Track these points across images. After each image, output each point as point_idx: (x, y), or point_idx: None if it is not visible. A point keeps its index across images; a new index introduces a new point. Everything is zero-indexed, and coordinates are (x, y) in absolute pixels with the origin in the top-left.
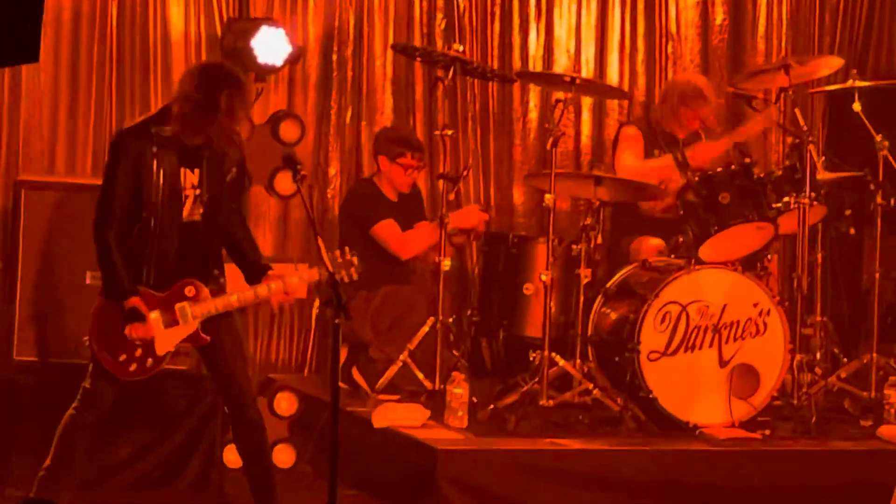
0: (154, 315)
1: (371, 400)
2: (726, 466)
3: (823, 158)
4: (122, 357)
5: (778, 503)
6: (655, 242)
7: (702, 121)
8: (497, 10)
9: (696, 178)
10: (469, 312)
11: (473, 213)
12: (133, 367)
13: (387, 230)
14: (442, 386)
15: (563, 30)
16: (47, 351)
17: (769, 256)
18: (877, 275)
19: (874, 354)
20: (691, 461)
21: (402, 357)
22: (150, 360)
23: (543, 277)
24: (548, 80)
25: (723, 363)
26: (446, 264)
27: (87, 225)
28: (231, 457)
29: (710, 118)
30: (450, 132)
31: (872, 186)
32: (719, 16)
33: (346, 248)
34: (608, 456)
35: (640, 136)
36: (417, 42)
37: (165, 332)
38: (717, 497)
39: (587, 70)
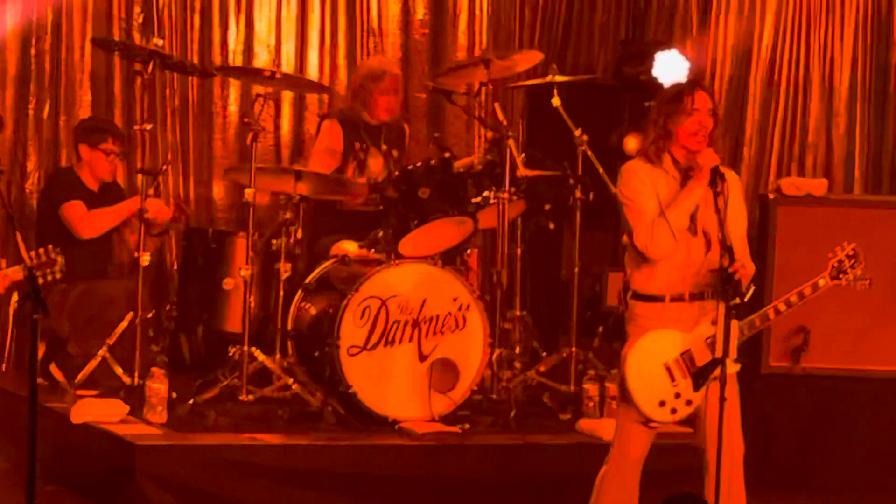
0: None
1: (69, 395)
2: (426, 461)
3: (523, 153)
4: None
5: (478, 497)
6: (352, 247)
7: (395, 97)
8: (197, 5)
9: (396, 173)
10: (168, 307)
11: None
12: None
13: (73, 210)
14: (141, 381)
15: (263, 24)
16: None
17: (469, 251)
18: (576, 269)
19: (573, 348)
20: (391, 456)
21: (100, 352)
22: None
23: (243, 272)
24: (248, 74)
25: (422, 358)
26: (145, 259)
27: None
28: None
29: (399, 94)
30: (149, 126)
31: (572, 181)
32: (420, 11)
33: (50, 247)
34: (308, 451)
35: (339, 129)
36: (116, 36)
37: None
38: (417, 491)
39: (287, 65)
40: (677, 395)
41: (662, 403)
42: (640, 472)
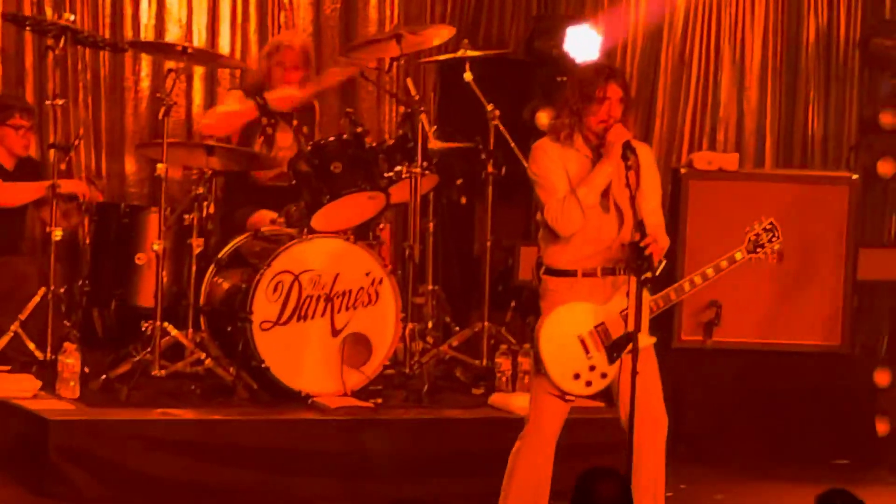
0: None
1: None
2: (339, 435)
3: (435, 128)
4: None
5: (391, 472)
6: (270, 216)
7: (299, 72)
8: None
9: (308, 148)
10: (80, 282)
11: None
12: None
13: None
14: (53, 356)
15: None
16: None
17: (381, 226)
18: (488, 243)
19: (486, 323)
20: (303, 430)
21: (12, 327)
22: None
23: (155, 247)
24: (159, 49)
25: (335, 332)
26: (57, 234)
27: None
28: None
29: (302, 70)
30: (61, 102)
31: (484, 156)
32: None
33: None
34: (221, 425)
35: (240, 98)
36: (27, 11)
37: None
38: (330, 466)
39: (199, 39)
40: (592, 368)
41: (577, 376)
42: (554, 445)
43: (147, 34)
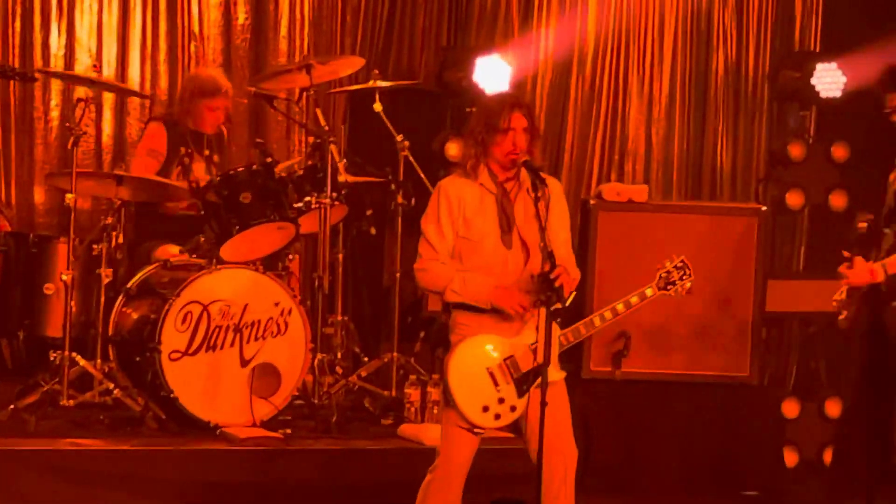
0: None
1: None
2: (247, 466)
3: (346, 160)
4: None
5: (300, 502)
6: (175, 251)
7: (222, 112)
8: (18, 9)
9: (218, 178)
10: None
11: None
12: None
13: None
14: None
15: (84, 28)
16: None
17: (290, 256)
18: (397, 274)
19: (395, 353)
20: (212, 461)
21: None
22: None
23: (64, 277)
24: (69, 78)
25: (244, 363)
26: None
27: None
28: None
29: (228, 109)
30: None
31: (393, 186)
32: (241, 15)
33: None
34: (129, 456)
35: (164, 132)
36: None
37: None
38: (239, 496)
39: (109, 69)
40: (501, 401)
41: (486, 409)
42: (464, 477)
43: (57, 63)
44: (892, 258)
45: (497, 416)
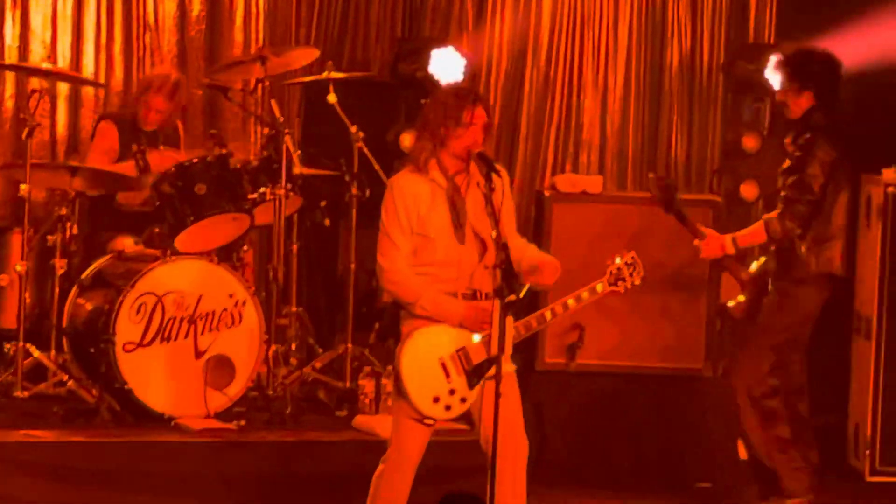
0: None
1: None
2: (202, 457)
3: (300, 152)
4: None
5: (254, 494)
6: (131, 243)
7: (166, 114)
8: None
9: (173, 169)
10: None
11: None
12: None
13: None
14: None
15: (38, 19)
16: None
17: (245, 247)
18: (352, 265)
19: (349, 345)
20: (167, 452)
21: None
22: None
23: (18, 268)
24: (23, 70)
25: (198, 354)
26: None
27: None
28: None
29: (177, 111)
30: None
31: (348, 178)
32: (196, 7)
33: None
34: (83, 447)
35: (115, 131)
36: None
37: None
38: (193, 488)
39: (63, 61)
40: (452, 392)
41: (437, 399)
42: (415, 468)
43: (10, 54)
44: (743, 231)
45: (447, 408)
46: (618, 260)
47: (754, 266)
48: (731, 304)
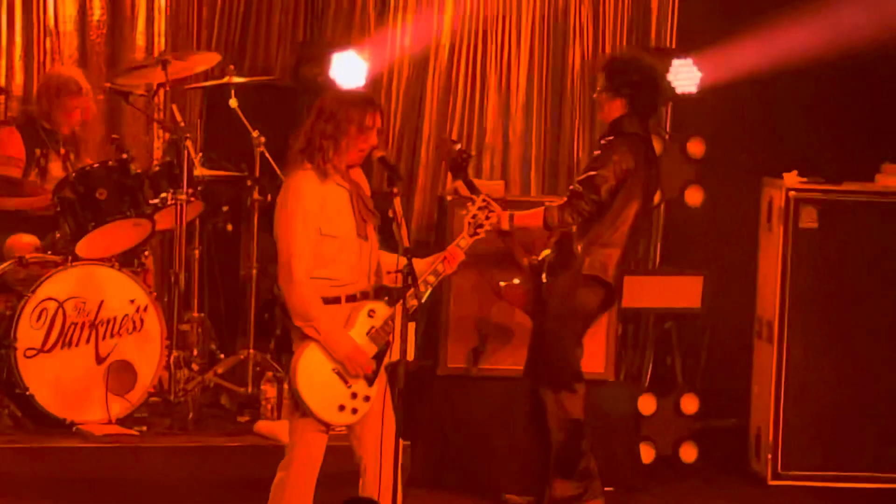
0: None
1: None
2: (103, 463)
3: (201, 155)
4: None
5: (155, 499)
6: (29, 239)
7: (81, 111)
8: None
9: (73, 174)
10: None
11: None
12: None
13: None
14: None
15: None
16: None
17: (146, 252)
18: (254, 270)
19: (251, 350)
20: (68, 458)
21: None
22: None
23: None
24: None
25: (100, 360)
26: None
27: None
28: None
29: (88, 109)
30: None
31: (249, 182)
32: (97, 11)
33: None
34: None
35: (19, 137)
36: None
37: None
38: (94, 493)
39: None
40: (354, 395)
41: (342, 408)
42: (317, 474)
43: None
44: (523, 212)
45: (354, 411)
46: (472, 207)
47: (542, 255)
48: (503, 283)
